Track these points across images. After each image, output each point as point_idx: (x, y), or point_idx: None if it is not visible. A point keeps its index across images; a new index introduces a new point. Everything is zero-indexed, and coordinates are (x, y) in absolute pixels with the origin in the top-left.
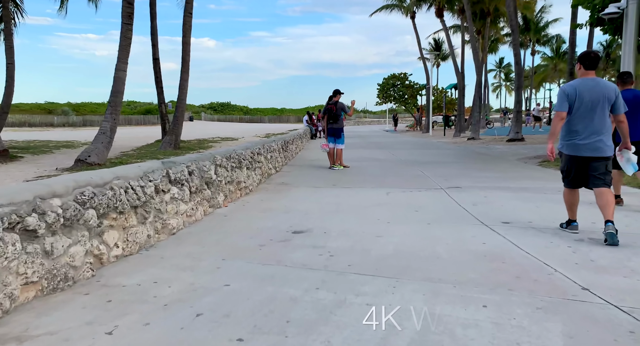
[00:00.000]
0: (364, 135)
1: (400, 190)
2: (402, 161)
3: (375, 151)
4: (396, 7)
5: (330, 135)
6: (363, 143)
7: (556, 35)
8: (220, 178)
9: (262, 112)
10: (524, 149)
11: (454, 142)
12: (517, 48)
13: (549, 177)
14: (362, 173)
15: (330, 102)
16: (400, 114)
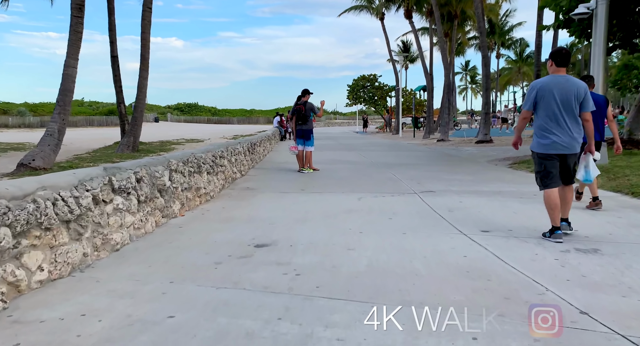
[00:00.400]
0: (334, 137)
1: (373, 195)
2: (373, 163)
3: (346, 153)
4: (365, 8)
5: (299, 137)
6: (333, 145)
7: (520, 39)
8: (175, 185)
9: (230, 113)
10: (492, 151)
11: (424, 143)
12: (485, 50)
13: (521, 179)
14: (332, 177)
15: (298, 103)
16: (370, 116)
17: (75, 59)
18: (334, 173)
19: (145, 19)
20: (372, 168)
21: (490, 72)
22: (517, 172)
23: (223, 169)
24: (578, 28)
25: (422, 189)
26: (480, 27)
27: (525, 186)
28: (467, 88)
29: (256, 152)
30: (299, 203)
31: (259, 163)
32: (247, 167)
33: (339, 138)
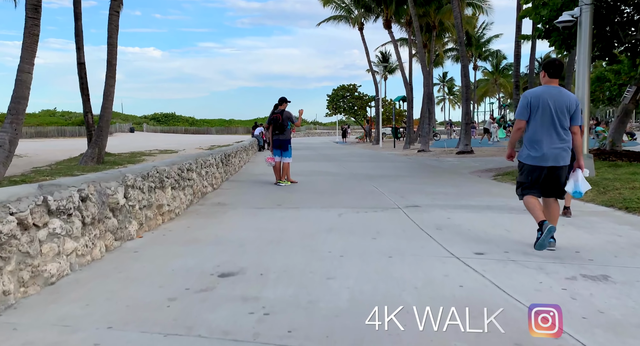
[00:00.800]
0: (313, 147)
1: (354, 211)
2: (353, 175)
3: (326, 164)
4: (344, 19)
5: (276, 147)
6: (313, 155)
7: (496, 51)
8: (132, 203)
9: (209, 123)
10: (474, 162)
11: (405, 154)
12: (464, 60)
13: (507, 192)
14: (311, 190)
15: (275, 111)
16: (350, 126)
17: (31, 64)
18: (313, 185)
19: (112, 23)
20: (353, 180)
21: (474, 81)
22: (502, 184)
23: (191, 183)
24: (559, 38)
25: (406, 203)
26: (459, 37)
27: (513, 200)
28: (445, 99)
29: (231, 163)
30: (274, 221)
31: (234, 175)
32: (220, 179)
33: (319, 149)
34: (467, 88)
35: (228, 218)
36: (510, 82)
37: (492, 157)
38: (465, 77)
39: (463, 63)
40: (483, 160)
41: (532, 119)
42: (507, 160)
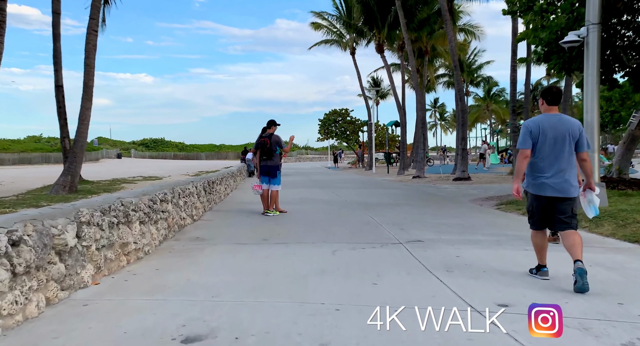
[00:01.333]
0: (305, 172)
1: (350, 247)
2: (347, 203)
3: (318, 191)
4: (335, 43)
5: (264, 174)
6: (304, 182)
7: (488, 77)
8: (87, 243)
9: (199, 148)
10: (472, 189)
11: (399, 180)
12: (459, 83)
13: (516, 225)
14: (302, 221)
15: (263, 135)
16: (344, 151)
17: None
18: (303, 215)
19: (89, 43)
20: (347, 210)
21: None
22: (508, 214)
23: (166, 216)
24: (559, 61)
25: (408, 238)
26: (453, 60)
27: (524, 232)
28: (437, 125)
29: (215, 191)
30: (258, 261)
31: (218, 204)
32: (202, 209)
33: (310, 174)
34: (463, 113)
35: (205, 257)
36: (502, 107)
37: (491, 184)
38: (461, 101)
39: (458, 87)
40: (482, 187)
41: (534, 148)
42: (515, 195)
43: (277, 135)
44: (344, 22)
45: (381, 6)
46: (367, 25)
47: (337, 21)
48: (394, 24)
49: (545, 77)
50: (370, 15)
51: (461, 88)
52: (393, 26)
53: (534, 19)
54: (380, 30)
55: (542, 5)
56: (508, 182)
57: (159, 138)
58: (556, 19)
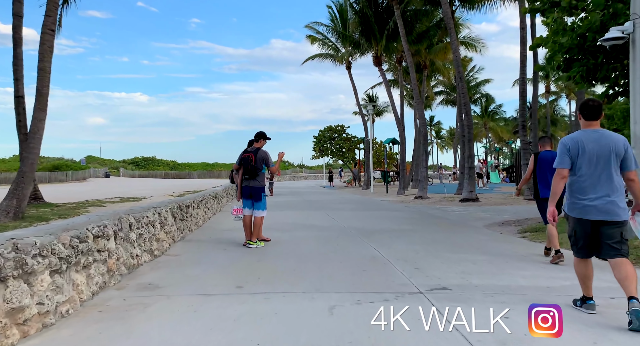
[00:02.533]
0: (299, 192)
1: (353, 299)
2: (345, 230)
3: (312, 213)
4: (330, 57)
5: (246, 196)
6: (298, 203)
7: (486, 95)
8: None
9: (190, 166)
10: (483, 212)
11: (400, 201)
12: (465, 96)
13: None
14: (290, 255)
15: (248, 149)
16: (335, 169)
17: None
18: (293, 247)
19: (45, 44)
20: (346, 238)
21: (456, 126)
22: (537, 245)
23: (104, 256)
24: (582, 69)
25: (427, 282)
26: (458, 71)
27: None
28: (433, 143)
29: (191, 216)
30: (224, 327)
31: (194, 231)
32: (168, 241)
33: (305, 194)
34: (468, 128)
35: (146, 323)
36: (499, 125)
37: (502, 205)
38: (467, 116)
39: (463, 100)
40: (493, 209)
41: (573, 167)
42: (550, 221)
43: (265, 151)
44: (339, 35)
45: (379, 17)
46: (364, 36)
47: (332, 33)
48: (392, 35)
49: (544, 94)
50: (367, 26)
51: (467, 102)
52: (391, 37)
53: (557, 20)
54: (378, 41)
55: (571, 2)
56: (519, 203)
57: (150, 157)
58: (588, 17)
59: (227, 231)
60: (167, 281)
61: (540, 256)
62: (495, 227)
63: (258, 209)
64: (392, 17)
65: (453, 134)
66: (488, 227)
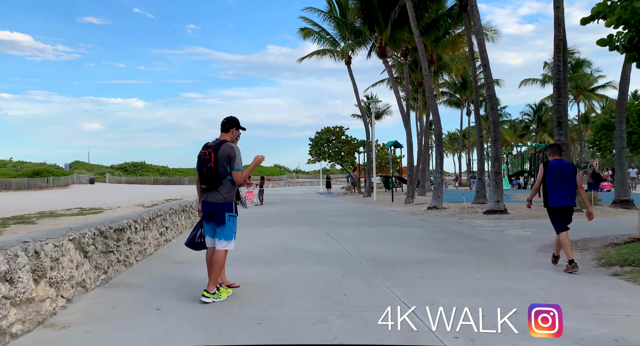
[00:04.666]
0: (293, 200)
1: None
2: (354, 260)
3: (307, 230)
4: (329, 52)
5: (206, 217)
6: (290, 214)
7: None
8: None
9: (182, 172)
10: (521, 228)
11: (411, 211)
12: (491, 88)
13: None
14: (269, 321)
15: (209, 144)
16: (334, 175)
17: None
18: (276, 299)
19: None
20: (358, 281)
21: (462, 129)
22: None
23: None
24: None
25: None
26: (483, 57)
27: None
28: (433, 148)
29: (129, 243)
30: None
31: (134, 265)
32: (68, 293)
33: (299, 202)
34: (494, 125)
35: None
36: (504, 129)
37: (537, 219)
38: (492, 111)
39: (489, 92)
40: (529, 224)
41: None
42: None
43: (232, 146)
44: (338, 23)
45: (383, 1)
46: (366, 24)
47: (330, 22)
48: (398, 22)
49: (549, 97)
50: (370, 12)
51: (492, 94)
52: (397, 25)
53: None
54: (382, 30)
55: None
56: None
57: (139, 162)
58: None
59: (183, 264)
60: None
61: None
62: (546, 251)
63: (221, 238)
64: (398, 2)
65: (454, 138)
66: (544, 252)
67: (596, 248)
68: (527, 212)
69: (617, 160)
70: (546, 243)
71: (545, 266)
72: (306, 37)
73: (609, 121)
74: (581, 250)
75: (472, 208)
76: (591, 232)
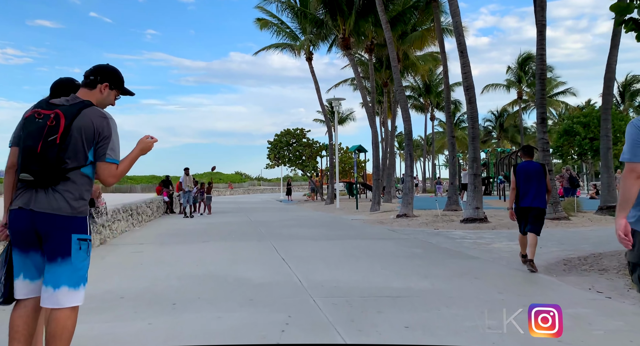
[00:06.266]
0: (248, 208)
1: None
2: (304, 292)
3: (250, 248)
4: (288, 47)
5: (25, 242)
6: (238, 225)
7: (455, 101)
8: None
9: (134, 180)
10: (508, 239)
11: (379, 220)
12: (468, 78)
13: None
14: None
15: (53, 102)
16: (297, 182)
17: None
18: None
19: None
20: (303, 333)
21: (426, 134)
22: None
23: None
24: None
25: None
26: (460, 43)
27: None
28: (396, 154)
29: None
30: None
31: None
32: None
33: (254, 211)
34: (472, 121)
35: None
36: (466, 134)
37: None
38: (471, 105)
39: (467, 83)
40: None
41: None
42: (622, 240)
43: (106, 114)
44: (297, 13)
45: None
46: (328, 12)
47: (289, 13)
48: (363, 11)
49: (516, 101)
50: (333, 0)
51: (470, 85)
52: (362, 13)
53: None
54: (345, 19)
55: None
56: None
57: None
58: None
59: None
60: None
61: None
62: (568, 274)
63: (60, 285)
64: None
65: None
66: (558, 275)
67: (617, 268)
68: (509, 220)
69: (603, 161)
70: (550, 261)
71: (582, 302)
72: (263, 28)
73: (571, 127)
74: (600, 271)
75: (446, 215)
76: (593, 245)
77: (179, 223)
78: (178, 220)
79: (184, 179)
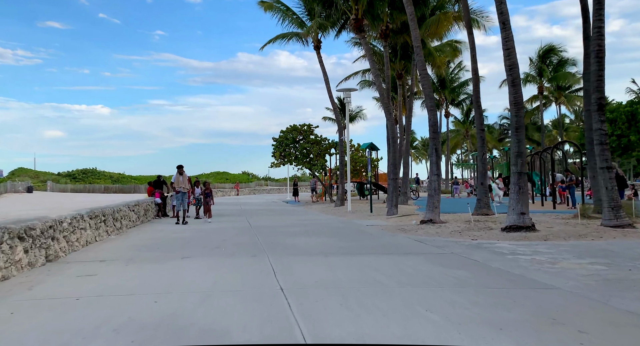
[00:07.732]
0: (252, 210)
1: None
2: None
3: (240, 268)
4: (295, 36)
5: None
6: (234, 232)
7: (471, 96)
8: None
9: (138, 179)
10: (577, 256)
11: (400, 227)
12: (512, 56)
13: None
14: None
15: None
16: (304, 182)
17: None
18: None
19: None
20: None
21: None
22: None
23: None
24: None
25: None
26: (502, 12)
27: None
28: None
29: None
30: None
31: None
32: None
33: (257, 214)
34: (516, 108)
35: None
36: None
37: (581, 239)
38: (515, 87)
39: (510, 61)
40: (583, 249)
41: None
42: None
43: None
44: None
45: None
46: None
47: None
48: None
49: (537, 96)
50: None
51: (514, 64)
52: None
53: None
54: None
55: None
56: (609, 236)
57: (90, 169)
58: None
59: None
60: None
61: None
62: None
63: None
64: None
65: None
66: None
67: None
68: (560, 228)
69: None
70: None
71: None
72: (267, 10)
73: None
74: None
75: (479, 221)
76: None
77: (165, 230)
78: (165, 227)
79: (176, 178)
